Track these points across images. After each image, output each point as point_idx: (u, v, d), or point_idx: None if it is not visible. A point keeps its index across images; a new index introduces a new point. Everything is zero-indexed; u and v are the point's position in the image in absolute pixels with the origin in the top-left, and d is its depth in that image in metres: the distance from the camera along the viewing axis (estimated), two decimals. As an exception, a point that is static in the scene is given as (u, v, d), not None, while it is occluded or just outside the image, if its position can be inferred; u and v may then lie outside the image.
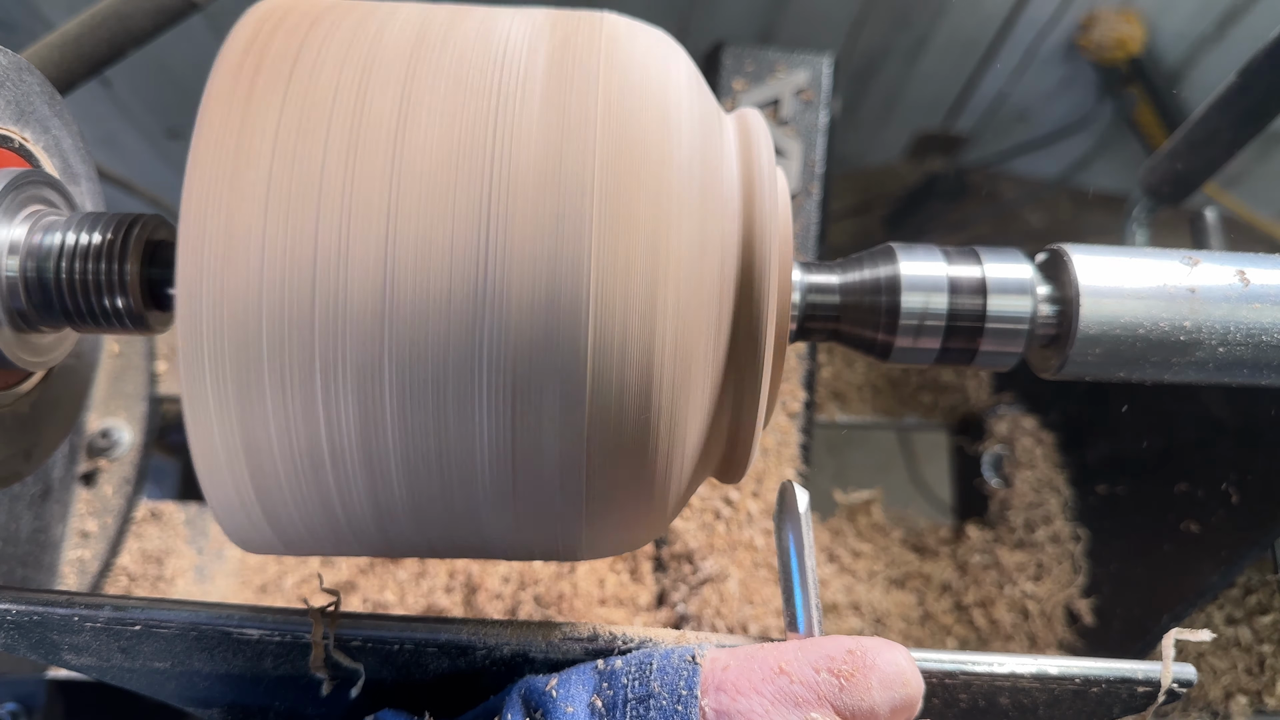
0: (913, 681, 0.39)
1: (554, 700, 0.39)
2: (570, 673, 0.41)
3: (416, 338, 0.36)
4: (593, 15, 0.42)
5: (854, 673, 0.38)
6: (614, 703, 0.39)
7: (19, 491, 0.75)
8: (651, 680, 0.39)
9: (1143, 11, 1.56)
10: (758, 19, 1.55)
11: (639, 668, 0.40)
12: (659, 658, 0.40)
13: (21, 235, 0.44)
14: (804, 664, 0.38)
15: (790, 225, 0.43)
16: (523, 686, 0.41)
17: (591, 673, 0.41)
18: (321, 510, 0.40)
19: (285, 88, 0.37)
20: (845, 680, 0.38)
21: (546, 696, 0.40)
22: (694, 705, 0.37)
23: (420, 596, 0.89)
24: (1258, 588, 0.87)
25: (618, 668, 0.40)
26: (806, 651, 0.39)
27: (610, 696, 0.39)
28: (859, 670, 0.38)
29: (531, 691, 0.41)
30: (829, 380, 1.11)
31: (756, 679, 0.38)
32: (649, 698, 0.38)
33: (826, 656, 0.39)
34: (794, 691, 0.37)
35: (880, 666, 0.39)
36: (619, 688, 0.39)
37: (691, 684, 0.38)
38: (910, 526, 1.02)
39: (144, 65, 1.14)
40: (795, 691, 0.37)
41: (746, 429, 0.42)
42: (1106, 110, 1.68)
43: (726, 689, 0.38)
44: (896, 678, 0.39)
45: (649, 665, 0.40)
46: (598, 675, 0.41)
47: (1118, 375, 0.44)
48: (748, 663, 0.39)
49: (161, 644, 0.46)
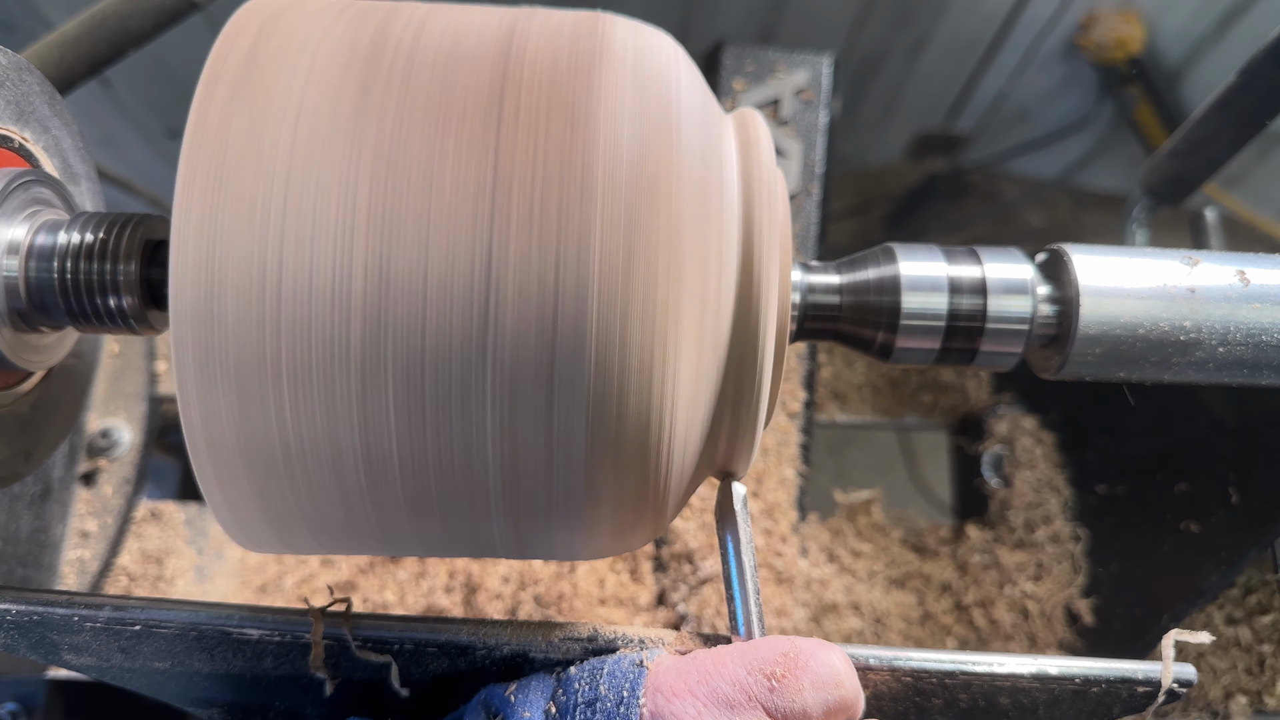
0: (846, 683, 0.39)
1: (512, 705, 0.41)
2: (529, 679, 0.42)
3: (417, 336, 0.36)
4: (592, 15, 0.42)
5: (785, 674, 0.38)
6: (566, 707, 0.40)
7: (19, 491, 0.75)
8: (600, 684, 0.40)
9: (1143, 11, 1.56)
10: (758, 19, 1.55)
11: (591, 673, 0.41)
12: (611, 663, 0.41)
13: (21, 235, 0.44)
14: (738, 665, 0.39)
15: (790, 225, 0.43)
16: (485, 694, 0.43)
17: (549, 679, 0.42)
18: (321, 509, 0.40)
19: (282, 86, 0.37)
20: (776, 682, 0.38)
21: (505, 702, 0.41)
22: (635, 707, 0.38)
23: (420, 596, 0.89)
24: (1258, 588, 0.87)
25: (571, 674, 0.42)
26: (743, 654, 0.40)
27: (563, 701, 0.40)
28: (790, 672, 0.38)
29: (492, 698, 0.42)
30: (829, 380, 1.11)
31: (691, 681, 0.39)
32: (596, 701, 0.39)
33: (760, 659, 0.39)
34: (726, 693, 0.38)
35: (813, 668, 0.39)
36: (571, 693, 0.40)
37: (635, 687, 0.39)
38: (910, 526, 1.02)
39: (144, 65, 1.14)
40: (727, 693, 0.38)
41: (746, 429, 0.42)
42: (1106, 110, 1.68)
43: (664, 691, 0.39)
44: (829, 679, 0.39)
45: (600, 670, 0.41)
46: (554, 681, 0.42)
47: (1118, 375, 0.44)
48: (686, 665, 0.40)
49: (161, 644, 0.46)
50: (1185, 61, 1.61)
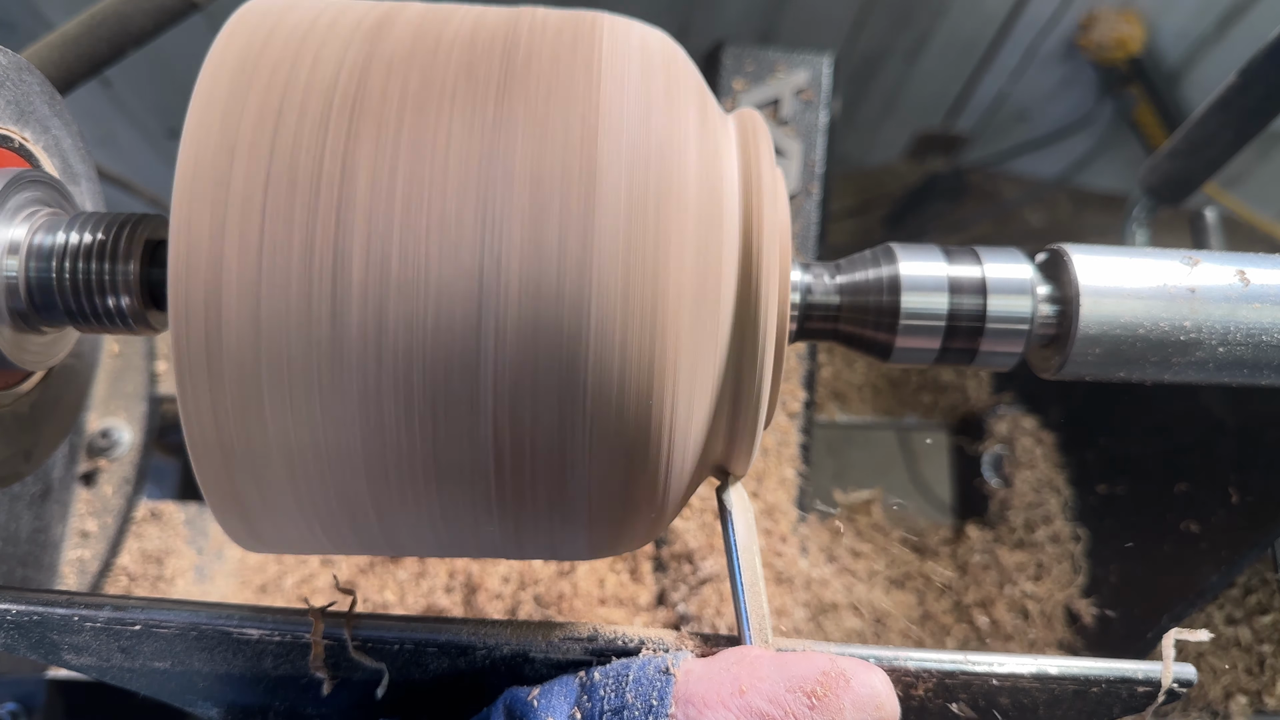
0: (887, 705, 0.38)
1: (535, 711, 0.40)
2: (552, 684, 0.42)
3: (416, 337, 0.36)
4: (593, 15, 0.42)
5: (826, 694, 0.37)
6: (592, 714, 0.39)
7: (19, 491, 0.75)
8: (627, 691, 0.39)
9: (1143, 11, 1.56)
10: (758, 19, 1.55)
11: (616, 679, 0.40)
12: (635, 669, 0.40)
13: (21, 235, 0.44)
14: (776, 682, 0.38)
15: (790, 225, 0.43)
16: (507, 697, 0.42)
17: (573, 684, 0.41)
18: (321, 509, 0.40)
19: (280, 87, 0.37)
20: (817, 700, 0.37)
21: (529, 707, 0.40)
22: (664, 717, 0.38)
23: (420, 596, 0.89)
24: (1258, 588, 0.87)
25: (596, 680, 0.41)
26: (781, 669, 0.38)
27: (589, 708, 0.39)
28: (831, 691, 0.37)
29: (515, 702, 0.41)
30: (829, 380, 1.11)
31: (725, 693, 0.38)
32: (623, 709, 0.38)
33: (800, 676, 0.38)
34: (762, 709, 0.37)
35: (854, 688, 0.38)
36: (596, 699, 0.40)
37: (663, 695, 0.38)
38: (910, 526, 1.02)
39: (144, 65, 1.14)
40: (763, 709, 0.37)
41: (746, 429, 0.42)
42: (1106, 110, 1.69)
43: (695, 702, 0.38)
44: (870, 700, 0.38)
45: (625, 677, 0.40)
46: (579, 687, 0.41)
47: (1118, 375, 0.44)
48: (720, 676, 0.39)
49: (161, 644, 0.46)
50: (1185, 61, 1.61)
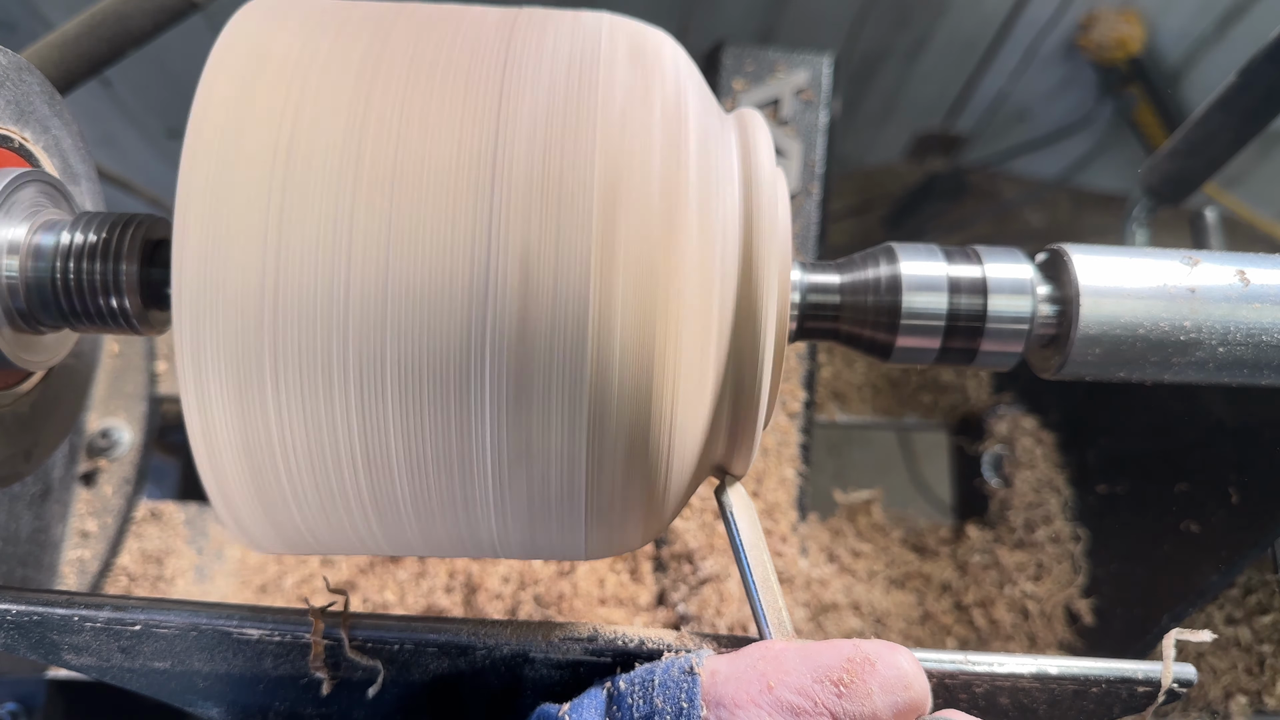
0: (916, 684, 0.38)
1: None
2: (582, 698, 0.41)
3: (418, 336, 0.36)
4: (594, 15, 0.42)
5: (853, 679, 0.37)
6: None
7: (19, 491, 0.75)
8: (655, 697, 0.39)
9: (1143, 11, 1.56)
10: (758, 19, 1.55)
11: (643, 685, 0.40)
12: (660, 672, 0.40)
13: (21, 235, 0.44)
14: (803, 673, 0.38)
15: (790, 225, 0.43)
16: (539, 714, 0.42)
17: (600, 695, 0.41)
18: (322, 509, 0.40)
19: (283, 86, 0.37)
20: (844, 687, 0.37)
21: None
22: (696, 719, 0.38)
23: (420, 596, 0.89)
24: (1258, 588, 0.87)
25: (623, 689, 0.41)
26: (806, 660, 0.39)
27: (619, 718, 0.39)
28: (858, 677, 0.37)
29: (546, 718, 0.41)
30: (829, 380, 1.11)
31: (754, 690, 0.38)
32: (653, 715, 0.38)
33: (825, 664, 0.38)
34: (792, 701, 0.37)
35: (880, 671, 0.38)
36: (625, 709, 0.39)
37: (692, 696, 0.38)
38: (910, 526, 1.02)
39: (144, 65, 1.14)
40: (793, 701, 0.37)
41: (746, 429, 0.42)
42: (1106, 110, 1.68)
43: (725, 704, 0.38)
44: (898, 681, 0.38)
45: (651, 682, 0.40)
46: (606, 698, 0.41)
47: (1118, 375, 0.44)
48: (747, 674, 0.39)
49: (161, 644, 0.46)
50: (1185, 61, 1.61)
